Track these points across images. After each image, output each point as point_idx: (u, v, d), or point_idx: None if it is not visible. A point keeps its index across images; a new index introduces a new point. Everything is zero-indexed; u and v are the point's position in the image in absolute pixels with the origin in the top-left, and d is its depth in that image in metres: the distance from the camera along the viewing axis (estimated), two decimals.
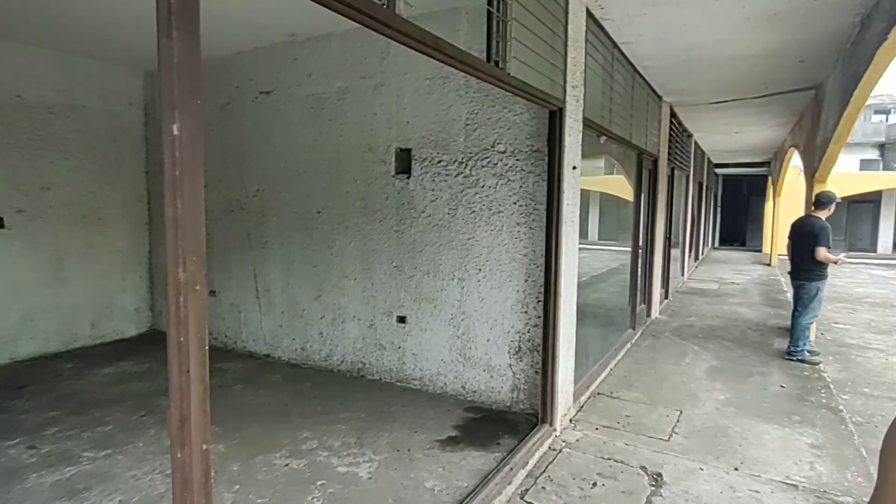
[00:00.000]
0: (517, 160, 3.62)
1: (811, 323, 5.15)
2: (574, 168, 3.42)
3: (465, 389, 3.95)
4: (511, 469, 2.84)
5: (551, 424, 3.39)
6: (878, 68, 3.36)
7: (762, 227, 18.63)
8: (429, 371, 4.10)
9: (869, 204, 19.64)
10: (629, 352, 5.46)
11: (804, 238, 5.04)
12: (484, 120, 3.73)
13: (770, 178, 14.94)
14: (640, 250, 6.31)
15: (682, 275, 10.41)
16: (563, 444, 3.31)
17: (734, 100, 6.69)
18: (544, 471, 2.98)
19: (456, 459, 3.05)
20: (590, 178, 5.65)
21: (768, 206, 16.46)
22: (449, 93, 3.86)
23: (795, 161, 11.20)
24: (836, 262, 4.95)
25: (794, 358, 5.14)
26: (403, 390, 4.16)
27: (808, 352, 5.20)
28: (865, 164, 24.04)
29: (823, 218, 5.03)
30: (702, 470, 3.01)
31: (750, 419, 3.75)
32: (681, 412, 3.85)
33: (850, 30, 4.01)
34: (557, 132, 3.23)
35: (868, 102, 4.63)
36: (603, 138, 4.25)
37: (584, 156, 3.67)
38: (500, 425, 3.52)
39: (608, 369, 4.79)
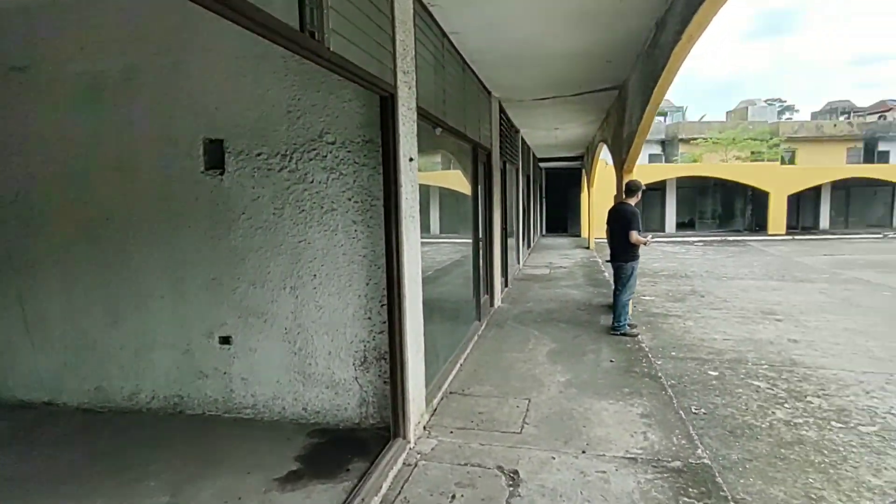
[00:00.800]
0: (349, 152, 3.27)
1: (630, 299, 5.72)
2: (411, 160, 3.19)
3: (307, 411, 3.51)
4: (363, 500, 2.51)
5: (405, 437, 3.14)
6: (673, 67, 3.73)
7: (580, 215, 20.89)
8: (263, 396, 3.57)
9: (657, 191, 23.26)
10: (477, 344, 5.49)
11: (618, 223, 5.55)
12: (308, 106, 3.31)
13: (584, 171, 16.73)
14: (481, 242, 6.42)
15: (518, 262, 11.06)
16: (419, 456, 3.09)
17: (554, 97, 7.16)
18: (399, 492, 2.72)
19: (298, 499, 2.63)
20: (429, 172, 5.59)
21: (583, 196, 18.46)
22: (266, 75, 3.35)
23: (604, 155, 12.66)
24: (645, 244, 5.54)
25: (618, 332, 5.66)
26: (234, 423, 3.56)
27: (629, 325, 5.77)
28: (653, 158, 28.47)
29: (633, 204, 5.59)
30: (554, 459, 3.02)
31: (590, 398, 3.94)
32: (529, 400, 3.90)
33: (647, 32, 4.44)
34: (391, 120, 2.96)
35: None
36: (439, 130, 4.11)
37: (421, 150, 3.47)
38: (349, 447, 3.16)
39: (458, 365, 4.72)
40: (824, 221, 23.97)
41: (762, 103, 35.05)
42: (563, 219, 22.59)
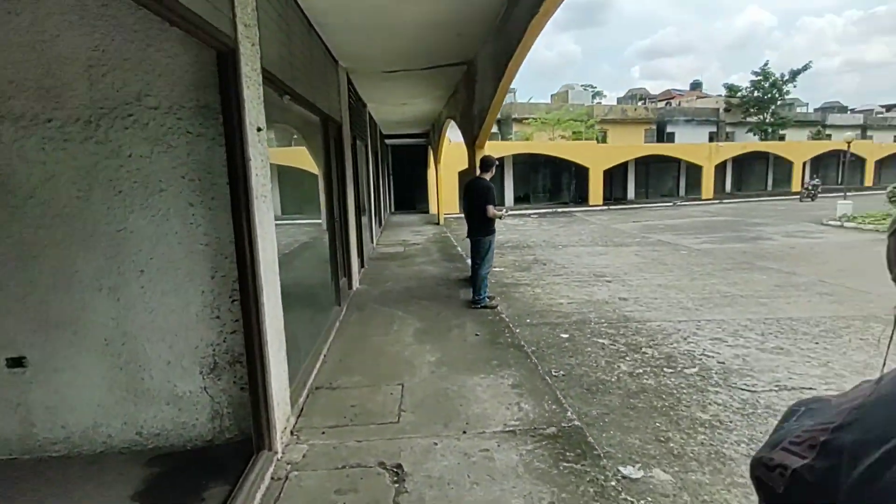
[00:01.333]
0: (179, 119, 2.69)
1: (488, 272, 5.88)
2: (259, 130, 2.74)
3: (142, 436, 2.90)
4: None
5: (270, 448, 2.76)
6: (528, 43, 3.78)
7: (427, 192, 21.23)
8: (78, 426, 2.86)
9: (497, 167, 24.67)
10: (340, 330, 5.18)
11: (475, 198, 5.63)
12: (119, 61, 2.63)
13: (430, 148, 16.94)
14: (336, 223, 6.04)
15: (373, 241, 10.82)
16: (289, 466, 2.74)
17: (403, 70, 6.96)
18: None
19: None
20: (272, 149, 5.02)
21: (430, 172, 18.74)
22: (52, 16, 2.57)
23: (449, 132, 12.89)
24: (500, 217, 5.70)
25: (479, 305, 5.79)
26: (37, 465, 2.81)
27: (488, 297, 5.94)
28: (490, 136, 30.10)
29: (488, 179, 5.70)
30: (436, 445, 2.92)
31: (462, 374, 3.94)
32: (402, 385, 3.76)
33: (498, 7, 4.44)
34: (233, 82, 2.47)
35: None
36: (287, 97, 3.64)
37: (268, 120, 3.00)
38: (202, 470, 2.69)
39: (322, 356, 4.38)
40: (631, 192, 27.84)
41: (579, 88, 39.11)
42: (411, 195, 22.78)
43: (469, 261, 6.45)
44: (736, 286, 7.55)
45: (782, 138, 34.93)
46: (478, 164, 6.03)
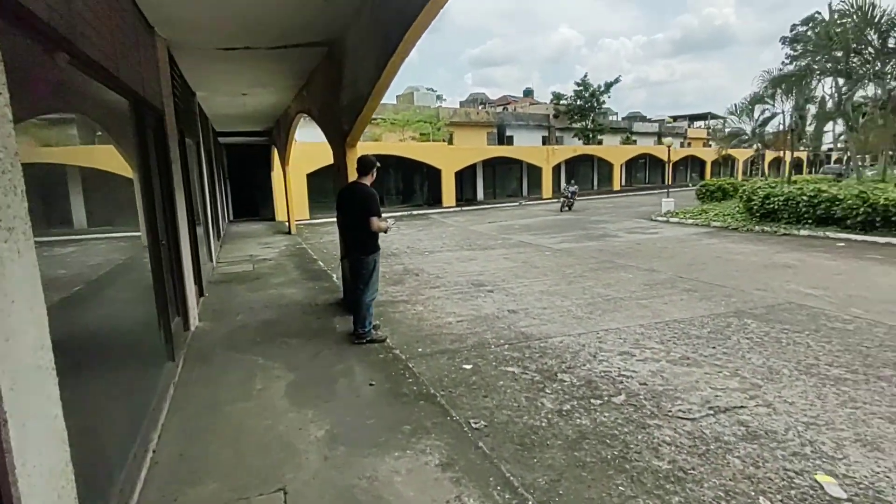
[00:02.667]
0: None
1: (374, 298, 4.83)
2: None
3: None
4: None
5: None
6: (434, 9, 2.86)
7: (272, 197, 19.13)
8: None
9: None
10: (176, 401, 3.71)
11: (355, 209, 4.56)
12: None
13: (275, 148, 15.10)
14: (163, 243, 4.46)
15: (212, 259, 8.95)
16: None
17: (247, 48, 5.55)
18: None
19: None
20: (61, 149, 3.35)
21: (276, 175, 16.80)
22: None
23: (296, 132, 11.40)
24: (386, 231, 4.71)
25: (365, 340, 4.73)
26: None
27: (374, 326, 4.90)
28: None
29: (369, 184, 4.67)
30: None
31: (368, 457, 2.88)
32: (285, 493, 2.58)
33: None
34: None
35: None
36: (63, 55, 2.22)
37: (31, 102, 1.64)
38: None
39: (150, 453, 2.95)
40: (480, 193, 28.63)
41: (424, 90, 39.42)
42: (252, 202, 20.38)
43: (339, 280, 5.34)
44: (611, 287, 7.57)
45: (600, 142, 39.14)
46: (350, 166, 4.95)
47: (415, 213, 22.64)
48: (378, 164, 4.74)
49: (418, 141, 27.42)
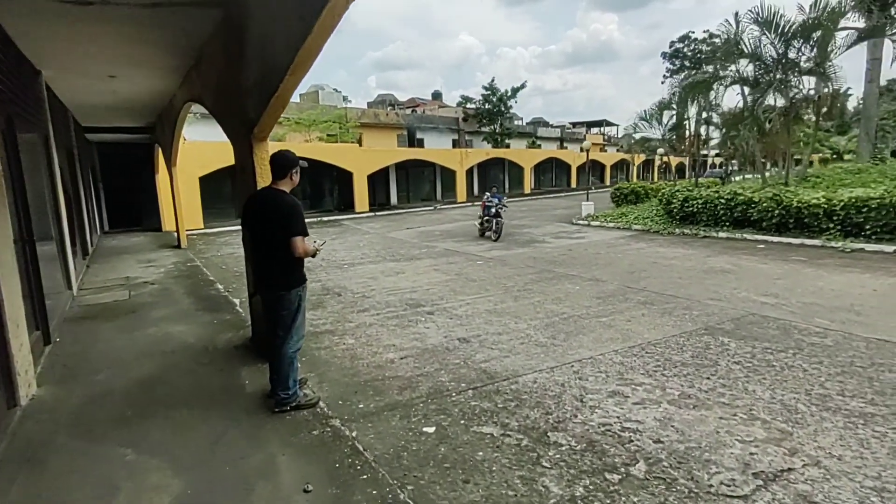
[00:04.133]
0: None
1: (300, 348, 3.54)
2: None
3: None
4: None
5: None
6: None
7: (158, 203, 16.59)
8: None
9: None
10: None
11: (270, 226, 3.27)
12: None
13: (159, 146, 12.89)
14: None
15: (71, 286, 6.98)
16: None
17: (104, 1, 4.00)
18: None
19: None
20: None
21: (163, 179, 14.49)
22: None
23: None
24: (314, 255, 3.47)
25: (289, 406, 3.44)
26: None
27: (300, 383, 3.62)
28: None
29: (288, 191, 3.40)
30: None
31: None
32: None
33: None
34: None
35: None
36: None
37: None
38: None
39: None
40: (394, 197, 27.42)
41: (330, 89, 37.38)
42: (133, 209, 17.57)
43: (245, 308, 3.98)
44: (563, 302, 6.83)
45: (508, 146, 39.57)
46: (261, 166, 3.64)
47: (325, 219, 20.97)
48: (303, 164, 3.47)
49: (325, 142, 25.65)
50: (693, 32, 60.06)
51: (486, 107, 38.51)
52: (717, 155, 47.53)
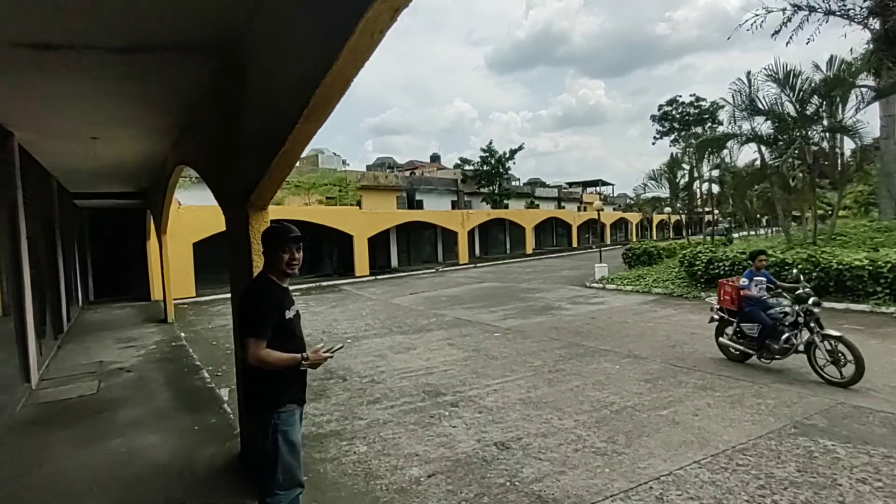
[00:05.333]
0: None
1: (299, 495, 2.52)
2: None
3: None
4: None
5: None
6: None
7: (148, 271, 15.71)
8: None
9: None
10: None
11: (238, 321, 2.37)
12: None
13: (150, 212, 12.18)
14: None
15: (30, 378, 5.94)
16: None
17: (72, 47, 3.30)
18: None
19: None
20: None
21: (153, 245, 13.70)
22: None
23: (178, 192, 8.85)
24: (311, 364, 2.53)
25: None
26: None
27: None
28: None
29: (270, 275, 2.51)
30: None
31: None
32: None
33: None
34: None
35: None
36: None
37: None
38: None
39: None
40: (394, 260, 26.68)
41: (329, 153, 37.58)
42: (122, 277, 16.65)
43: (233, 407, 2.94)
44: (606, 388, 5.85)
45: (506, 206, 39.41)
46: (259, 242, 2.80)
47: (324, 284, 20.07)
48: (298, 236, 2.59)
49: (325, 205, 25.21)
50: (680, 96, 62.27)
51: (485, 168, 38.70)
52: (709, 213, 47.67)
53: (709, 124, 51.18)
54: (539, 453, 4.22)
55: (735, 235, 29.71)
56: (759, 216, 28.17)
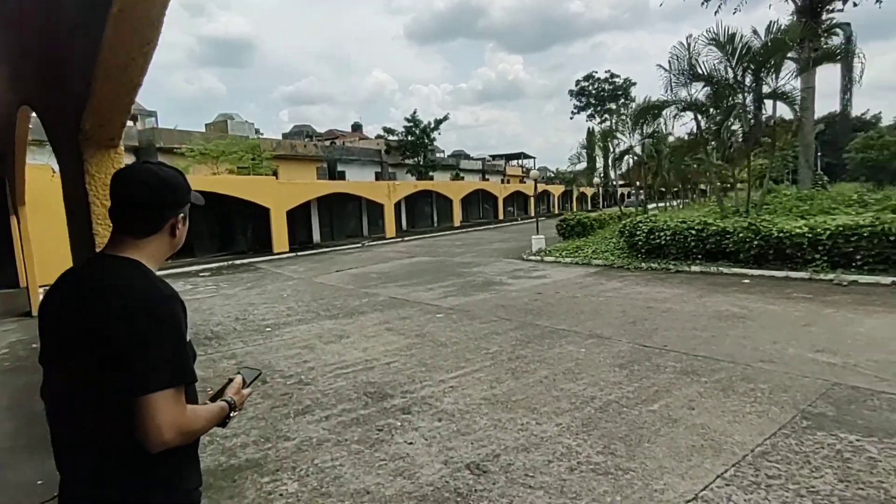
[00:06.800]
0: None
1: None
2: None
3: None
4: None
5: None
6: None
7: (13, 252, 13.03)
8: None
9: None
10: None
11: (84, 360, 1.15)
12: None
13: (6, 180, 9.79)
14: None
15: None
16: None
17: None
18: None
19: None
20: None
21: (15, 221, 11.21)
22: None
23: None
24: (224, 424, 1.37)
25: None
26: None
27: None
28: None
29: (155, 265, 1.30)
30: None
31: None
32: None
33: None
34: None
35: None
36: None
37: None
38: None
39: None
40: (316, 235, 24.85)
41: (240, 119, 34.24)
42: None
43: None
44: (579, 377, 5.06)
45: (432, 178, 38.35)
46: (101, 199, 1.51)
47: (238, 262, 18.07)
48: (196, 200, 1.37)
49: (237, 175, 22.73)
50: (596, 72, 63.85)
51: (410, 139, 37.24)
52: (623, 185, 49.48)
53: (622, 100, 52.88)
54: (526, 477, 3.29)
55: (651, 206, 30.73)
56: (676, 188, 29.19)
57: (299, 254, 20.30)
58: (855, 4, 15.41)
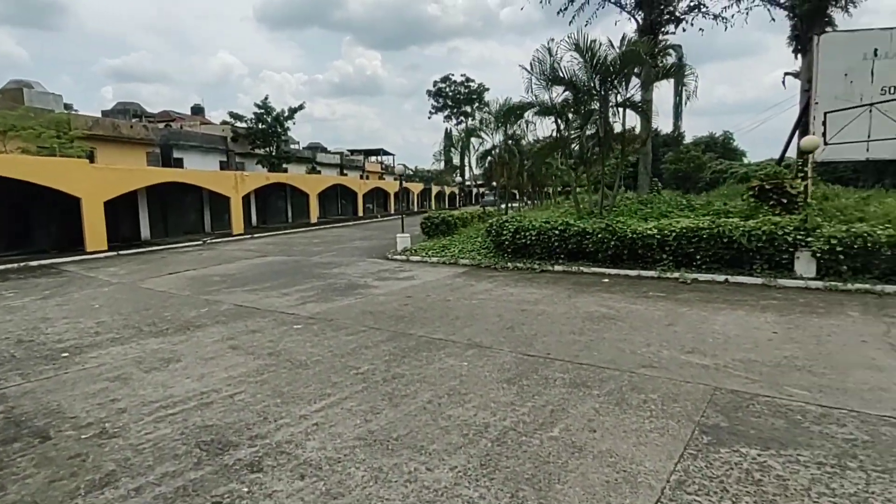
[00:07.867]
0: None
1: None
2: None
3: None
4: None
5: None
6: None
7: None
8: None
9: None
10: None
11: None
12: None
13: None
14: None
15: None
16: None
17: None
18: None
19: None
20: None
21: None
22: None
23: None
24: None
25: None
26: None
27: None
28: None
29: None
30: None
31: None
32: None
33: None
34: None
35: None
36: None
37: None
38: None
39: None
40: (145, 230, 21.28)
41: (42, 88, 28.13)
42: None
43: None
44: (466, 399, 4.43)
45: (286, 171, 35.74)
46: None
47: (34, 264, 14.50)
48: None
49: (35, 156, 18.40)
50: (453, 74, 65.70)
51: (261, 126, 34.21)
52: (479, 185, 51.60)
53: (476, 104, 55.06)
54: None
55: (503, 206, 32.09)
56: (527, 190, 30.86)
57: (122, 253, 17.07)
58: (684, 30, 17.54)
